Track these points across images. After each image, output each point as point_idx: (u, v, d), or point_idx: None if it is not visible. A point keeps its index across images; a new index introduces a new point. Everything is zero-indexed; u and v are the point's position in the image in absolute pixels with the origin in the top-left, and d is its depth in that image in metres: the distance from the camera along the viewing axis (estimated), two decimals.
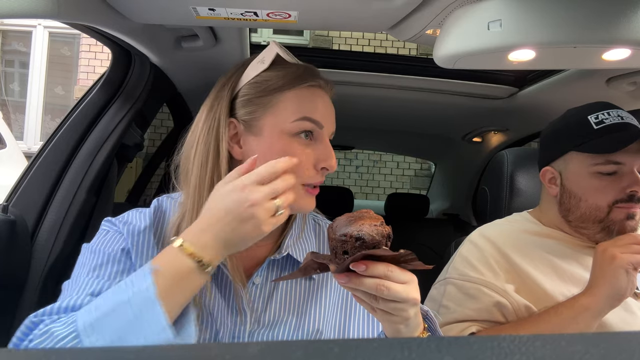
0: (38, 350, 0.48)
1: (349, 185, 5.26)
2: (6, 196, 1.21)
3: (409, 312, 0.60)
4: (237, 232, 0.62)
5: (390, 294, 0.57)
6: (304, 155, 0.74)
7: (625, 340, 0.28)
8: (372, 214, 0.60)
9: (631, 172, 0.98)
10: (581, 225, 1.04)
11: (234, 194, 0.62)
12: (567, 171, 1.05)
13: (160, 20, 1.04)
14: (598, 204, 1.00)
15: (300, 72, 0.78)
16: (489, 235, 1.09)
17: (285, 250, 0.79)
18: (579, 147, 1.02)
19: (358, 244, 0.56)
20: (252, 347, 0.25)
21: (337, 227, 0.59)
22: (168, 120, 2.11)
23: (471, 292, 1.01)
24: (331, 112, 0.80)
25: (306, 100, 0.76)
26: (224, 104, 0.78)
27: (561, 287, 0.99)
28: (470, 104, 1.81)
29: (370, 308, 0.61)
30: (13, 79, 6.13)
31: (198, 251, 0.62)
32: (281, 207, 0.63)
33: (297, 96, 0.76)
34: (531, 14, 0.74)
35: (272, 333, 0.75)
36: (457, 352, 0.26)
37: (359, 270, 0.56)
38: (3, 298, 1.09)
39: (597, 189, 1.00)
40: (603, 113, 1.01)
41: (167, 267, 0.62)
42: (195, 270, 0.62)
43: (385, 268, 0.57)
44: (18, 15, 0.74)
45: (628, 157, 0.97)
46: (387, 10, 0.93)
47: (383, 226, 0.58)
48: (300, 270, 0.63)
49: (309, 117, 0.75)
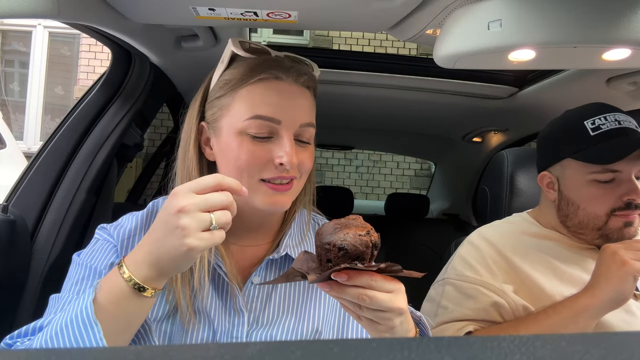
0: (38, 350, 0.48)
1: (349, 185, 5.26)
2: (6, 196, 1.20)
3: (394, 321, 0.59)
4: (164, 246, 0.57)
5: (374, 303, 0.56)
6: (260, 151, 0.72)
7: (625, 340, 0.28)
8: (361, 221, 0.59)
9: (629, 179, 0.97)
10: (579, 231, 1.04)
11: (166, 202, 0.59)
12: (564, 178, 1.04)
13: (160, 20, 1.04)
14: (596, 212, 0.99)
15: (253, 66, 0.75)
16: (488, 236, 1.09)
17: (284, 250, 0.79)
18: (575, 154, 1.01)
19: (341, 254, 0.55)
20: (251, 347, 0.25)
21: (323, 235, 0.58)
22: (168, 120, 2.11)
23: (469, 292, 1.01)
24: (291, 103, 0.74)
25: (258, 96, 0.73)
26: (195, 107, 0.80)
27: (560, 288, 0.99)
28: (470, 104, 1.81)
29: (356, 316, 0.60)
30: (13, 79, 6.13)
31: (134, 271, 0.59)
32: (217, 223, 0.57)
33: (249, 93, 0.74)
34: (531, 14, 0.74)
35: (271, 333, 0.74)
36: (457, 352, 0.26)
37: (340, 280, 0.55)
38: (3, 298, 1.09)
39: (594, 197, 0.99)
40: (600, 118, 1.00)
41: (106, 287, 0.60)
42: (130, 294, 0.58)
43: (369, 277, 0.56)
44: (18, 15, 0.74)
45: (625, 164, 0.96)
46: (387, 10, 0.92)
47: (369, 235, 0.56)
48: (284, 276, 0.61)
49: (260, 115, 0.72)
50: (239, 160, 0.73)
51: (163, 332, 0.71)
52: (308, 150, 0.77)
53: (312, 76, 0.80)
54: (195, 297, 0.73)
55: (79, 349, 0.53)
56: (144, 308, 0.61)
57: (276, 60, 0.77)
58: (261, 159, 0.72)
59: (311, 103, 0.79)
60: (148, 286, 0.59)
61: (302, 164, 0.75)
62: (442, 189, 3.06)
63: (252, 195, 0.72)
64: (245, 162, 0.72)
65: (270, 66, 0.75)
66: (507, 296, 0.98)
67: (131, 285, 0.59)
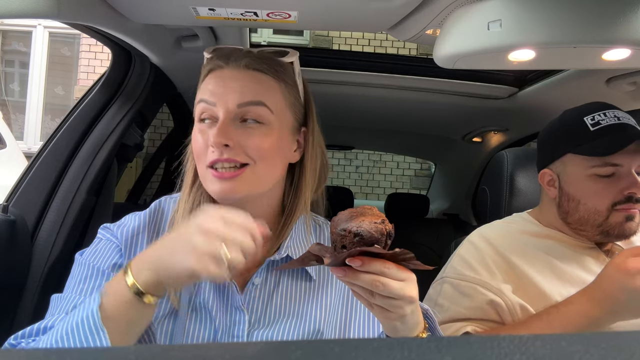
0: (38, 350, 0.48)
1: (349, 185, 5.26)
2: (6, 196, 1.21)
3: (405, 309, 0.60)
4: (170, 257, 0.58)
5: (386, 290, 0.57)
6: (204, 138, 0.75)
7: (625, 340, 0.28)
8: (375, 211, 0.60)
9: (629, 173, 0.97)
10: (580, 227, 1.03)
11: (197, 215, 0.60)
12: (565, 174, 1.05)
13: (160, 20, 1.04)
14: (597, 207, 0.99)
15: (205, 63, 0.80)
16: (488, 236, 1.09)
17: (285, 251, 0.79)
18: (575, 149, 1.01)
19: (356, 240, 0.57)
20: (251, 347, 0.25)
21: (339, 222, 0.59)
22: (168, 120, 2.11)
23: (466, 290, 1.01)
24: (228, 84, 0.75)
25: (205, 85, 0.78)
26: None
27: (560, 288, 0.99)
28: (470, 104, 1.81)
29: (368, 303, 0.61)
30: (13, 79, 6.13)
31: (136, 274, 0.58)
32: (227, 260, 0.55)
33: (203, 85, 0.78)
34: (531, 14, 0.74)
35: (272, 333, 0.74)
36: (457, 352, 0.26)
37: (354, 265, 0.56)
38: (3, 298, 1.09)
39: (595, 191, 0.99)
40: (599, 114, 1.01)
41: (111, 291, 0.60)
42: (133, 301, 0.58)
43: (382, 265, 0.57)
44: (18, 15, 0.74)
45: (625, 158, 0.97)
46: (387, 10, 0.92)
47: (384, 224, 0.58)
48: (298, 260, 0.63)
49: (201, 99, 0.76)
50: (194, 149, 0.77)
51: (164, 330, 0.72)
52: (258, 132, 0.74)
53: (267, 59, 0.79)
54: (196, 294, 0.74)
55: (79, 349, 0.53)
56: (146, 314, 0.61)
57: (222, 52, 0.80)
58: (204, 144, 0.74)
59: (263, 85, 0.77)
60: (148, 292, 0.59)
61: (247, 147, 0.73)
62: (442, 189, 3.06)
63: (205, 183, 0.75)
64: (197, 150, 0.76)
65: (215, 58, 0.79)
66: (505, 295, 0.98)
67: (133, 292, 0.59)
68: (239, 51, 0.79)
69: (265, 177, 0.77)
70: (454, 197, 2.86)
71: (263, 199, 0.80)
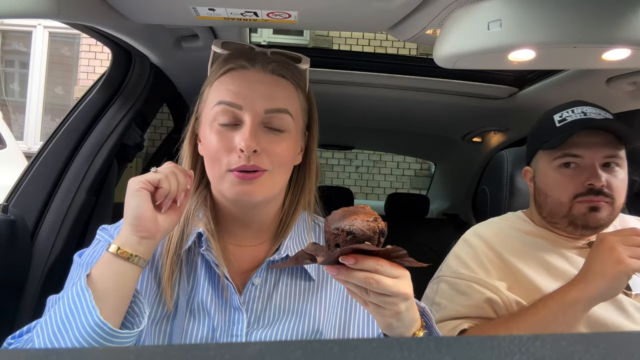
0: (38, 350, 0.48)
1: (349, 185, 5.26)
2: (6, 196, 1.21)
3: (400, 306, 0.60)
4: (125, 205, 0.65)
5: (380, 287, 0.57)
6: (225, 140, 0.73)
7: (625, 340, 0.28)
8: (368, 209, 0.61)
9: (591, 165, 0.99)
10: (552, 220, 1.06)
11: None
12: (537, 169, 1.10)
13: (160, 20, 1.04)
14: (560, 199, 1.02)
15: (224, 59, 0.78)
16: (482, 234, 1.10)
17: (284, 251, 0.79)
18: (542, 145, 1.06)
19: (349, 238, 0.57)
20: (251, 347, 0.25)
21: (332, 221, 0.60)
22: (168, 120, 2.11)
23: (463, 289, 1.02)
24: (255, 88, 0.74)
25: (224, 84, 0.76)
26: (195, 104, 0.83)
27: (553, 285, 0.99)
28: (470, 104, 1.81)
29: (362, 301, 0.61)
30: (13, 79, 6.13)
31: (116, 239, 0.65)
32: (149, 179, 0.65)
33: (220, 84, 0.76)
34: (531, 14, 0.74)
35: (271, 333, 0.75)
36: (457, 352, 0.26)
37: (348, 263, 0.57)
38: (3, 298, 1.09)
39: (558, 183, 1.03)
40: (567, 111, 1.04)
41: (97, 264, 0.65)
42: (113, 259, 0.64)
43: (375, 262, 0.57)
44: (18, 15, 0.74)
45: (587, 150, 0.99)
46: (387, 10, 0.92)
47: (376, 222, 0.58)
48: (293, 259, 0.63)
49: (223, 101, 0.74)
50: (209, 150, 0.75)
51: (163, 332, 0.72)
52: (281, 140, 0.75)
53: (289, 65, 0.79)
54: (194, 294, 0.74)
55: (79, 349, 0.54)
56: (128, 273, 0.64)
57: (243, 51, 0.79)
58: (226, 147, 0.73)
59: (286, 91, 0.77)
60: (126, 249, 0.64)
61: (271, 154, 0.73)
62: (442, 189, 3.06)
63: (222, 185, 0.74)
64: (214, 151, 0.74)
65: (237, 57, 0.77)
66: (501, 292, 0.99)
67: (112, 252, 0.64)
68: (263, 54, 0.78)
69: (279, 182, 0.78)
70: (454, 197, 2.86)
71: (272, 201, 0.80)
